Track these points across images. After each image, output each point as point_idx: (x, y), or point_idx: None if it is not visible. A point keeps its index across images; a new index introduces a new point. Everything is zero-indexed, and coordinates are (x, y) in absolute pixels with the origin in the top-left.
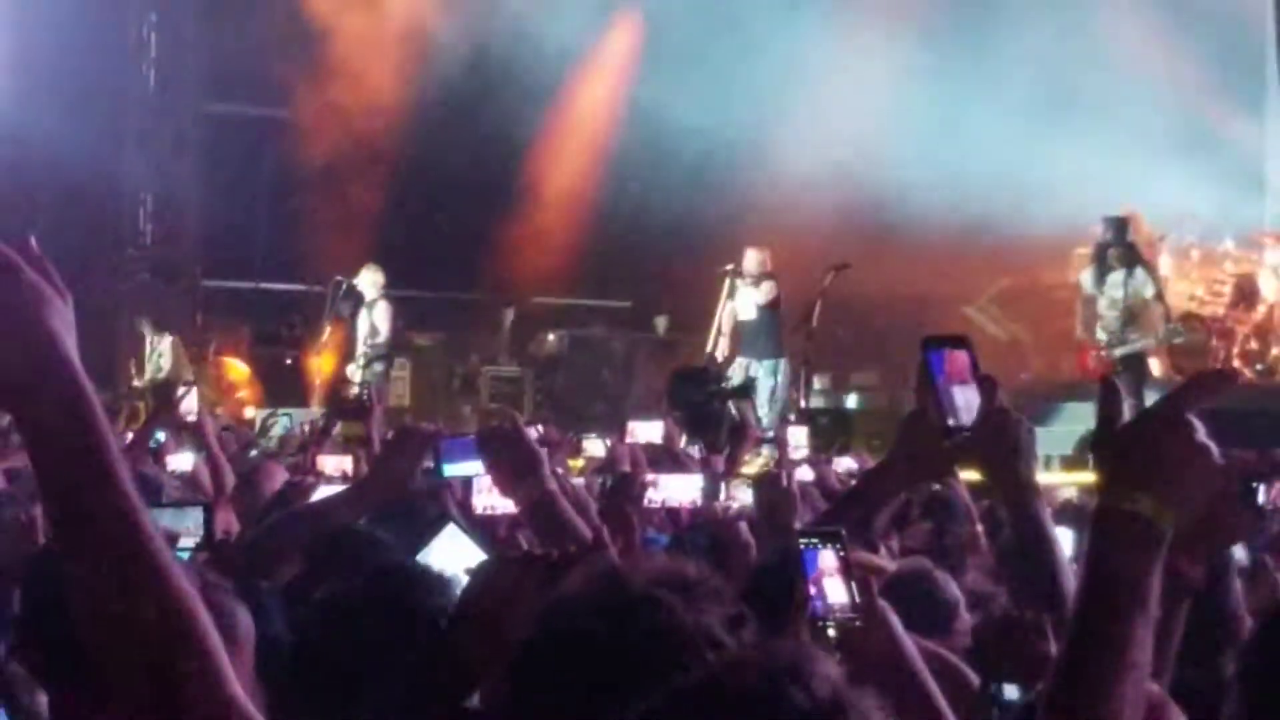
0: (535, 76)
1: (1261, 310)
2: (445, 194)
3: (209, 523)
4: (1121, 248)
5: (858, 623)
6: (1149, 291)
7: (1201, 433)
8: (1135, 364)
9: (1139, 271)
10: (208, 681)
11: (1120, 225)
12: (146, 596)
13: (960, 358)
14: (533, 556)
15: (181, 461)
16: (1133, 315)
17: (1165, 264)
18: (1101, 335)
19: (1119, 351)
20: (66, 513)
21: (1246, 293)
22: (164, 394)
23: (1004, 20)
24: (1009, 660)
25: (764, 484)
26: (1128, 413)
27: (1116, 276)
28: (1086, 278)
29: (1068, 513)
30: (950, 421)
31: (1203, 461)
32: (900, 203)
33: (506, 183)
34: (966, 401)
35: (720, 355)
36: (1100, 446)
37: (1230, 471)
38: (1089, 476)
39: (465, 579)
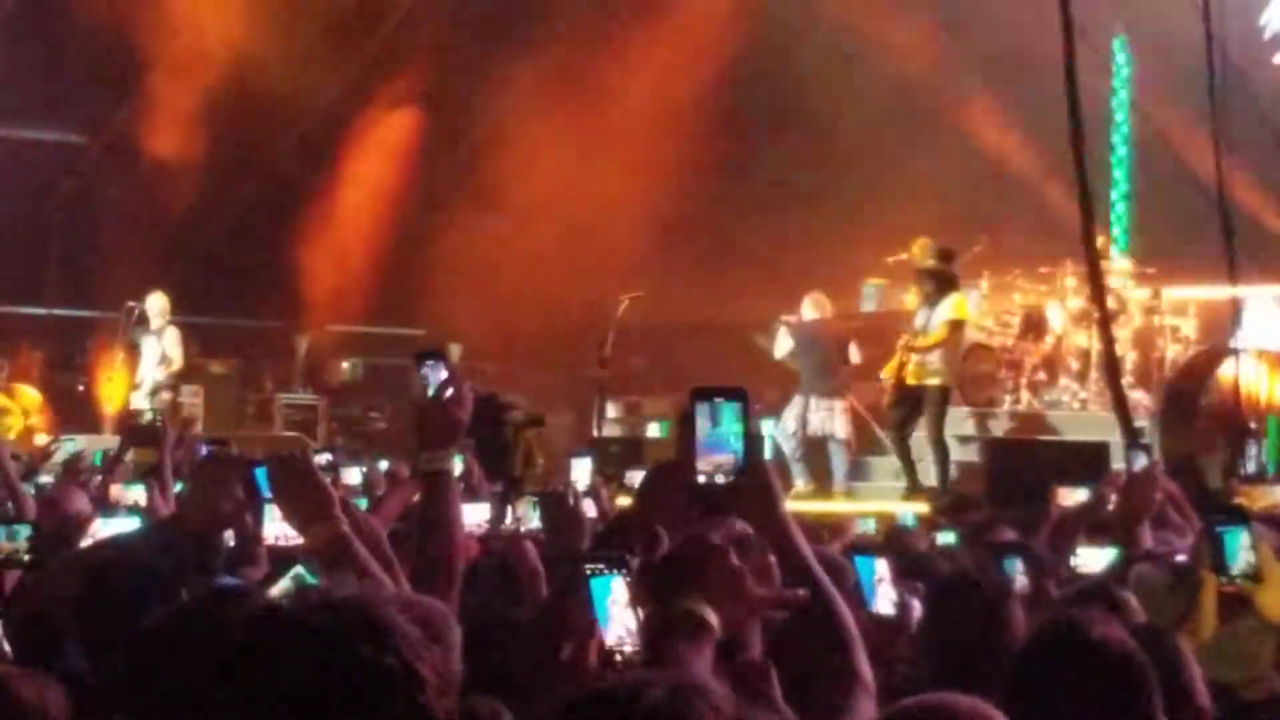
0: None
1: (1049, 341)
2: (240, 224)
3: (35, 543)
4: (931, 275)
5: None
6: (941, 319)
7: (733, 557)
8: (919, 392)
9: (946, 300)
10: None
11: (942, 254)
12: None
13: (732, 410)
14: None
15: None
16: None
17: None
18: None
19: (884, 373)
20: None
21: (1035, 323)
22: None
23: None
24: None
25: (549, 505)
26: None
27: (928, 304)
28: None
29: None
30: (701, 479)
31: (736, 580)
32: (699, 228)
33: (300, 210)
34: (730, 455)
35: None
36: (649, 572)
37: (780, 599)
38: (890, 505)
39: None
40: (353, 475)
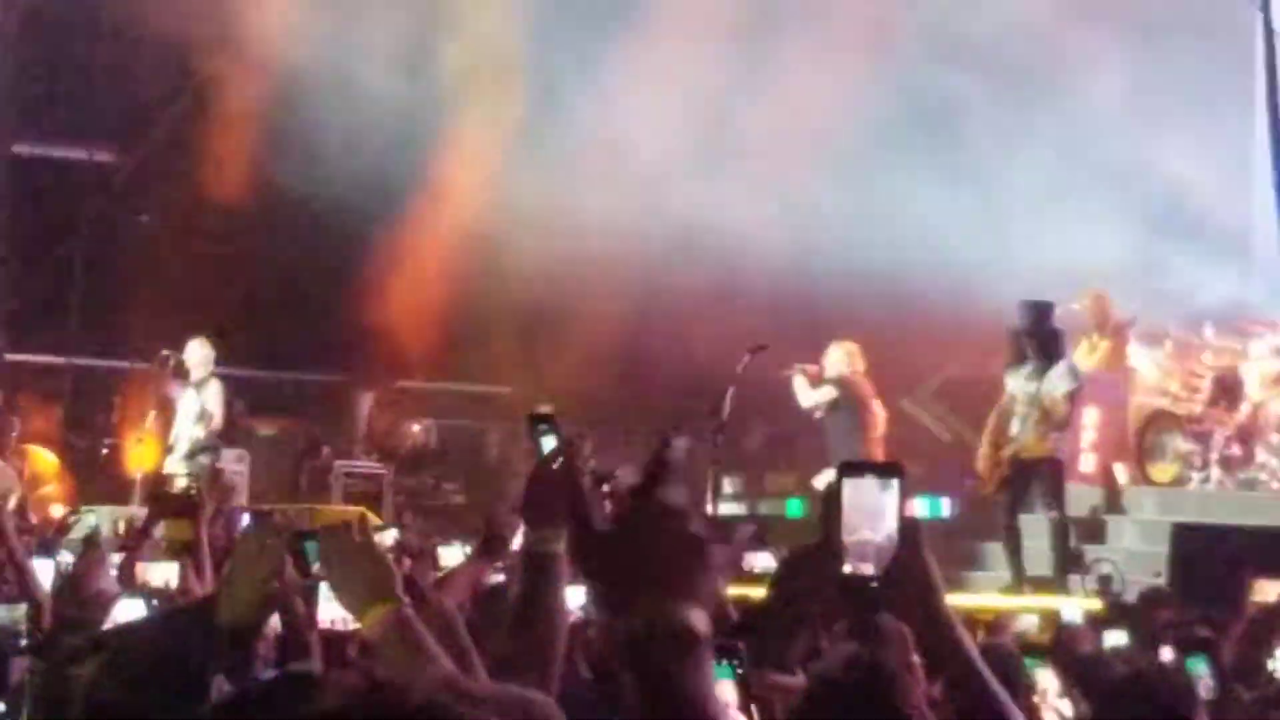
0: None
1: (1245, 409)
2: (295, 260)
3: (36, 621)
4: (1038, 336)
5: None
6: (1062, 389)
7: (692, 522)
8: (1033, 468)
9: (1059, 365)
10: None
11: (1038, 311)
12: None
13: (886, 490)
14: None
15: None
16: (1045, 413)
17: (1135, 353)
18: (1014, 429)
19: (1007, 452)
20: None
21: (1228, 388)
22: None
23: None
24: None
25: None
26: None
27: (1029, 368)
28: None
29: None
30: (847, 569)
31: (696, 549)
32: (830, 284)
33: (368, 251)
34: (880, 545)
35: None
36: (582, 556)
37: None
38: (1053, 601)
39: None
40: (454, 556)
